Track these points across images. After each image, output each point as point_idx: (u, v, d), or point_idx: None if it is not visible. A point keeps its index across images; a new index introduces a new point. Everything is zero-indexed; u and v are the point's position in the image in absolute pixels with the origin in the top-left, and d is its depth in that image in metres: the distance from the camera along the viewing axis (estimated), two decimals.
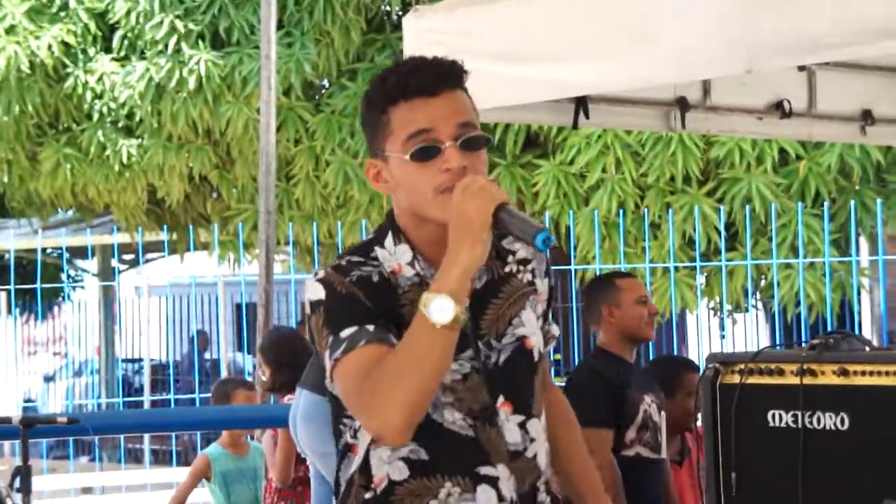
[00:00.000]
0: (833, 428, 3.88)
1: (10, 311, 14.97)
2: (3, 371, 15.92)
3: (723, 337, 12.73)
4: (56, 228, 15.59)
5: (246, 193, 12.24)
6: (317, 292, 2.41)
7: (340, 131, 11.50)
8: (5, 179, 12.93)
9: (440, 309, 2.27)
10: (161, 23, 11.35)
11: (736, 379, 4.03)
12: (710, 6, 4.13)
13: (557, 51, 4.54)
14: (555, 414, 2.68)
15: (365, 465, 2.46)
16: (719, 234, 10.66)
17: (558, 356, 11.67)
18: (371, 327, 2.35)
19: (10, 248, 14.35)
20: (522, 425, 2.48)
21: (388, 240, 2.48)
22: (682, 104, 5.74)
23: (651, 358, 8.81)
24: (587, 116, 5.45)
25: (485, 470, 2.43)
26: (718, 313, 12.50)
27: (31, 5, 11.77)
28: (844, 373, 3.87)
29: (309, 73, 11.42)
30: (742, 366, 4.03)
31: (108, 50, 11.99)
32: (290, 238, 11.59)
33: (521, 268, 2.57)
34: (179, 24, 11.31)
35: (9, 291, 13.80)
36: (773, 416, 3.97)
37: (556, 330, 2.71)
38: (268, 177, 6.08)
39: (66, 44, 11.80)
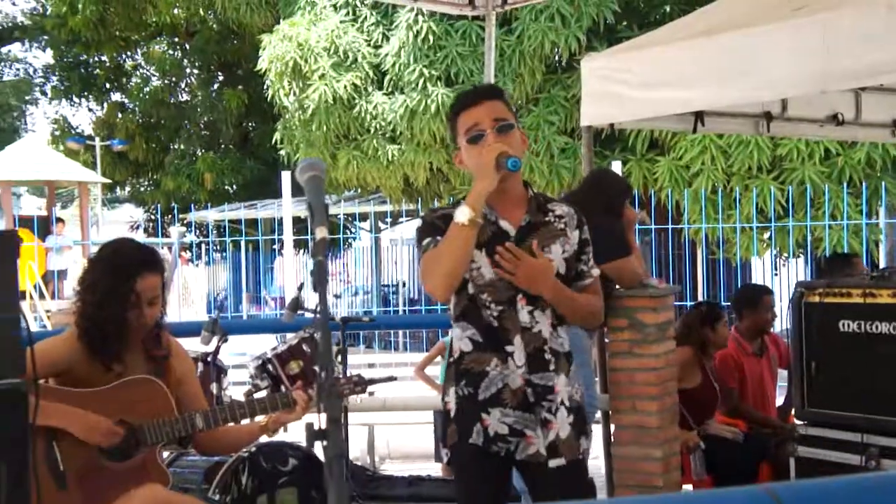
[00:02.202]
0: (887, 333, 3.74)
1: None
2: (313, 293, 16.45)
3: (774, 275, 12.46)
4: (347, 201, 16.00)
5: (466, 179, 12.32)
6: (418, 224, 2.70)
7: (528, 139, 11.45)
8: None
9: (461, 213, 2.48)
10: (414, 70, 11.49)
11: (816, 298, 3.91)
12: (793, 45, 4.00)
13: (683, 80, 4.46)
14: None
15: (453, 337, 2.68)
16: (782, 206, 10.35)
17: None
18: (440, 237, 2.56)
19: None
20: (531, 312, 2.59)
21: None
22: (768, 116, 5.61)
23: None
24: (703, 125, 5.34)
25: (508, 348, 2.58)
26: (781, 258, 12.19)
27: (334, 60, 12.03)
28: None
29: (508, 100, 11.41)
30: (821, 289, 3.89)
31: (380, 88, 12.19)
32: None
33: (557, 220, 2.68)
34: (426, 71, 11.43)
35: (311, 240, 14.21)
36: (843, 324, 3.83)
37: (595, 272, 2.75)
38: None
39: (355, 85, 12.04)
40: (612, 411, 4.44)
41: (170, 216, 19.82)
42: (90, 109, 23.18)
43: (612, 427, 4.49)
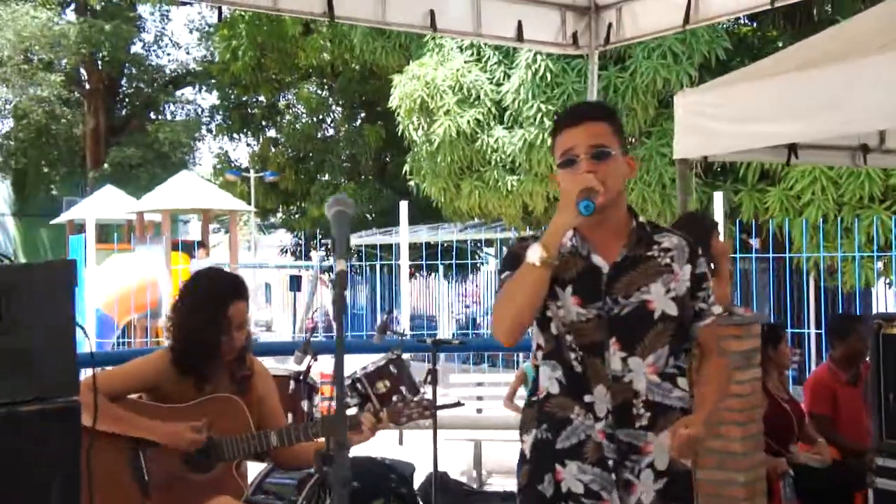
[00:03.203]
0: None
1: (445, 276, 15.61)
2: (447, 311, 16.61)
3: None
4: (470, 228, 16.09)
5: None
6: (504, 255, 2.34)
7: (640, 170, 11.24)
8: (442, 199, 13.39)
9: (533, 252, 2.13)
10: (532, 105, 11.48)
11: (894, 331, 3.65)
12: (878, 78, 3.79)
13: (772, 114, 4.29)
14: (704, 374, 2.32)
15: (538, 375, 2.31)
16: (893, 234, 9.74)
17: None
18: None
19: (443, 239, 14.89)
20: (624, 360, 2.20)
21: None
22: (865, 148, 5.34)
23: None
24: (796, 157, 5.13)
25: (587, 398, 2.21)
26: (892, 287, 11.45)
27: (459, 97, 12.14)
28: None
29: None
30: None
31: (501, 122, 12.22)
32: None
33: (662, 254, 2.26)
34: (543, 107, 11.39)
35: (445, 265, 14.41)
36: None
37: (716, 309, 2.31)
38: None
39: (477, 120, 12.12)
40: None
41: (315, 241, 20.44)
42: (248, 145, 24.24)
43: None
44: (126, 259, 12.88)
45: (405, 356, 3.83)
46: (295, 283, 19.69)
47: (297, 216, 21.66)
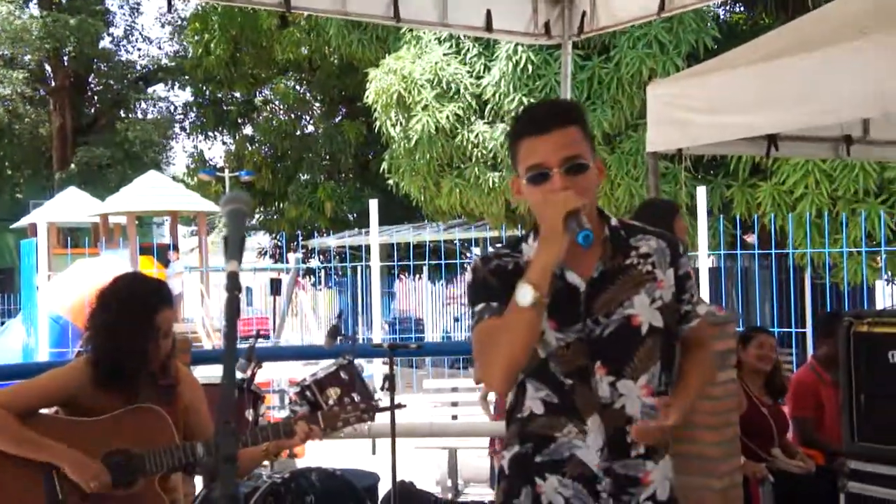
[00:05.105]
0: None
1: (429, 278, 15.57)
2: (431, 312, 16.57)
3: None
4: (453, 228, 16.08)
5: None
6: (468, 276, 2.17)
7: (626, 164, 11.27)
8: (422, 198, 13.37)
9: (523, 294, 1.96)
10: (514, 98, 11.48)
11: (865, 328, 3.66)
12: (860, 64, 3.80)
13: (746, 104, 4.29)
14: (690, 359, 2.23)
15: (521, 391, 2.16)
16: (892, 230, 9.79)
17: None
18: (496, 304, 2.06)
19: (427, 239, 14.90)
20: (613, 384, 2.07)
21: (530, 237, 2.15)
22: (847, 139, 5.34)
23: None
24: (777, 149, 5.13)
25: (584, 427, 2.09)
26: (893, 283, 11.50)
27: (437, 92, 12.15)
28: None
29: (606, 126, 11.25)
30: (870, 319, 3.64)
31: (482, 117, 12.23)
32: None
33: (642, 261, 2.11)
34: (525, 99, 11.39)
35: (428, 266, 14.39)
36: (892, 354, 3.58)
37: (701, 309, 2.22)
38: None
39: (457, 115, 12.12)
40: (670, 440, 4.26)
41: (295, 243, 20.40)
42: (224, 143, 24.18)
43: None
44: (91, 264, 12.85)
45: (357, 362, 3.82)
46: (275, 286, 19.66)
47: (274, 217, 21.62)
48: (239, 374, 3.68)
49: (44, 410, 2.79)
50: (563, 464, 2.10)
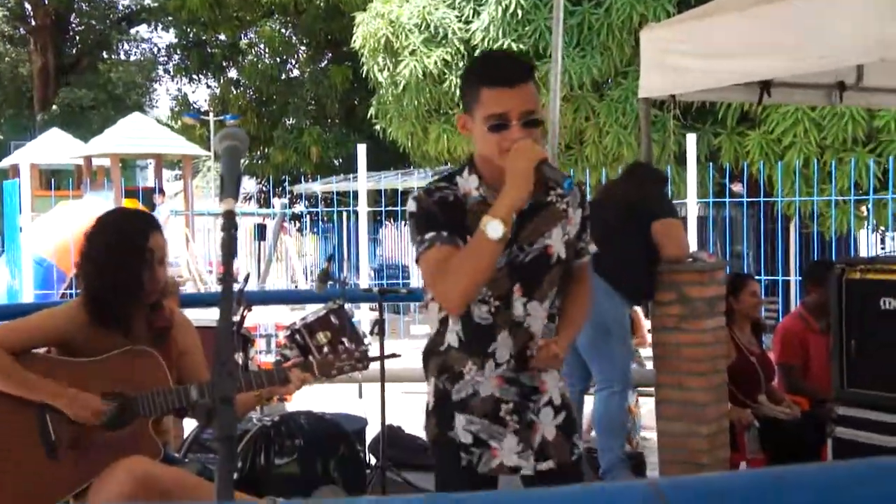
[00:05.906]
0: None
1: None
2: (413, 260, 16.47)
3: (881, 249, 11.77)
4: (441, 174, 15.93)
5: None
6: (411, 206, 2.35)
7: (615, 112, 11.18)
8: (409, 144, 13.24)
9: (494, 229, 2.18)
10: (503, 44, 11.29)
11: (857, 275, 3.64)
12: (857, 9, 3.74)
13: (741, 50, 4.24)
14: (573, 295, 2.47)
15: (442, 327, 2.40)
16: (879, 179, 9.77)
17: None
18: (444, 233, 2.28)
19: (414, 185, 14.72)
20: (525, 305, 2.35)
21: (465, 171, 2.38)
22: (841, 86, 5.30)
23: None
24: (769, 95, 5.08)
25: (490, 347, 2.34)
26: (878, 232, 11.57)
27: (425, 36, 11.96)
28: None
29: (595, 73, 11.13)
30: (862, 266, 3.63)
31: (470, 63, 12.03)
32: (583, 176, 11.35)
33: (559, 199, 2.40)
34: (514, 45, 11.22)
35: None
36: (884, 301, 3.56)
37: (592, 248, 2.50)
38: (553, 139, 5.99)
39: (445, 60, 11.95)
40: (657, 386, 4.28)
41: (280, 188, 20.22)
42: (208, 86, 23.81)
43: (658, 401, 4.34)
44: (76, 206, 12.70)
45: (347, 306, 3.79)
46: (261, 232, 19.56)
47: (260, 161, 21.41)
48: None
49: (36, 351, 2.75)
50: (470, 402, 2.36)
